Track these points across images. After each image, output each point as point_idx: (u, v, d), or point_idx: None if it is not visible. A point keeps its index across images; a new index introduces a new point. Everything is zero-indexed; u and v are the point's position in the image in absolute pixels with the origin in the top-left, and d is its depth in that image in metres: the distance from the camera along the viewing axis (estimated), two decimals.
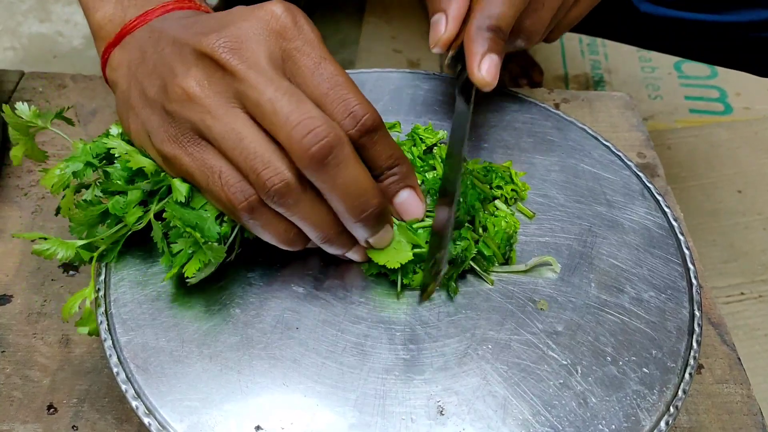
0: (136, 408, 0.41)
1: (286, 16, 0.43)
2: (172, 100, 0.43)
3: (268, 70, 0.41)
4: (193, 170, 0.43)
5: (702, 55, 0.84)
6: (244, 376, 0.42)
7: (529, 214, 0.52)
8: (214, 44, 0.42)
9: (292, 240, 0.44)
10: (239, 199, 0.41)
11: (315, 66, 0.42)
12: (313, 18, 0.46)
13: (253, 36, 0.42)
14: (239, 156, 0.41)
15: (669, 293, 0.48)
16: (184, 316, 0.45)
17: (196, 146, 0.43)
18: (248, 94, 0.41)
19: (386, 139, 0.44)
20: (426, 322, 0.45)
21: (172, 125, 0.43)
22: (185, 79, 0.42)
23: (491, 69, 0.51)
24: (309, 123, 0.39)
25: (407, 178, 0.46)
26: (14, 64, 1.43)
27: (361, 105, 0.42)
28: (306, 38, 0.43)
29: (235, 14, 0.44)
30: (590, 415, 0.41)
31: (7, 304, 0.58)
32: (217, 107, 0.41)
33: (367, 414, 0.41)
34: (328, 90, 0.42)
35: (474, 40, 0.52)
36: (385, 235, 0.46)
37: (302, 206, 0.42)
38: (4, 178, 0.68)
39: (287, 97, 0.40)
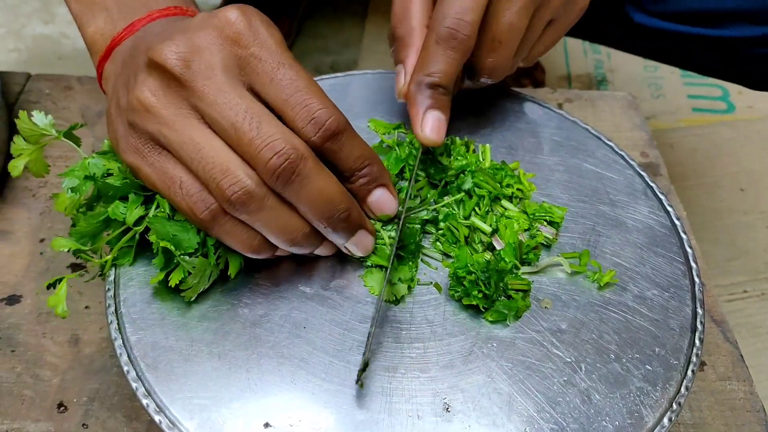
0: (147, 406, 0.41)
1: (241, 22, 0.42)
2: (132, 110, 0.43)
3: (224, 84, 0.41)
4: (155, 180, 0.43)
5: (696, 66, 0.84)
6: (253, 374, 0.43)
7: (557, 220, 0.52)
8: (166, 55, 0.41)
9: (258, 247, 0.44)
10: (200, 208, 0.42)
11: (273, 72, 0.42)
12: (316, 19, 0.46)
13: (206, 45, 0.42)
14: (198, 166, 0.41)
15: (672, 291, 0.49)
16: (193, 316, 0.45)
17: (157, 156, 0.43)
18: (207, 111, 0.41)
19: (353, 141, 0.44)
20: (431, 320, 0.46)
21: (133, 136, 0.43)
22: (141, 90, 0.42)
23: (435, 126, 0.51)
24: (273, 146, 0.40)
25: (379, 178, 0.46)
26: (19, 66, 1.44)
27: (323, 109, 0.42)
28: (262, 43, 0.42)
29: (193, 22, 0.43)
30: (594, 412, 0.42)
31: (16, 305, 0.59)
32: (173, 118, 0.41)
33: (374, 411, 0.41)
34: (288, 96, 0.42)
35: (414, 99, 0.51)
36: (363, 240, 0.46)
37: (264, 213, 0.42)
38: (12, 180, 0.69)
39: (247, 120, 0.40)
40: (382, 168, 0.47)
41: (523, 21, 0.52)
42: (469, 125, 0.60)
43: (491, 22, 0.52)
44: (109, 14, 0.50)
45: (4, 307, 0.59)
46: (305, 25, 1.55)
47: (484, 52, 0.53)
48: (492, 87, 0.64)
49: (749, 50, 0.75)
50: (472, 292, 0.45)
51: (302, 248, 0.45)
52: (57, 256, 0.63)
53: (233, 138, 0.41)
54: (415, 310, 0.46)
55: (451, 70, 0.50)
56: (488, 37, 0.52)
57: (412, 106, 0.51)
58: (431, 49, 0.50)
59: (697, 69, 0.86)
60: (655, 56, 0.88)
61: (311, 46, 1.51)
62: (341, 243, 0.46)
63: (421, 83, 0.51)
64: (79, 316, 0.58)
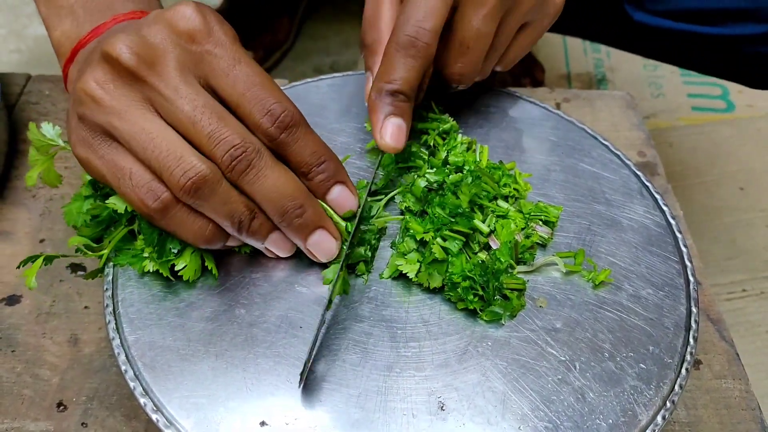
0: (144, 405, 0.42)
1: (196, 18, 0.43)
2: (81, 102, 0.43)
3: (179, 80, 0.41)
4: (105, 172, 0.43)
5: (696, 65, 0.84)
6: (249, 373, 0.43)
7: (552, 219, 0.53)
8: (120, 47, 0.41)
9: (210, 237, 0.44)
10: (150, 198, 0.42)
11: (229, 68, 0.43)
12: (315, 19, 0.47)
13: (161, 40, 0.42)
14: (150, 155, 0.41)
15: (666, 290, 0.49)
16: (191, 316, 0.46)
17: (107, 148, 0.43)
18: (164, 106, 0.41)
19: (309, 136, 0.44)
20: (427, 320, 0.46)
21: (82, 128, 0.43)
22: (88, 82, 0.42)
23: (395, 133, 0.50)
24: (229, 140, 0.41)
25: (336, 174, 0.46)
26: (20, 66, 1.44)
27: (278, 103, 0.43)
28: (217, 40, 0.43)
29: (149, 18, 0.44)
30: (588, 410, 0.42)
31: (16, 305, 0.60)
32: (124, 108, 0.42)
33: (369, 410, 0.42)
34: (245, 91, 0.42)
35: (374, 106, 0.51)
36: (323, 242, 0.46)
37: (218, 197, 0.42)
38: (12, 181, 0.70)
39: (206, 115, 0.41)
40: (339, 165, 0.47)
41: (490, 26, 0.52)
42: (466, 125, 0.60)
43: (457, 27, 0.52)
44: (75, 18, 0.51)
45: (4, 307, 0.59)
46: (305, 26, 1.55)
47: (452, 57, 0.53)
48: (490, 87, 0.64)
49: (749, 48, 0.75)
50: (467, 297, 0.45)
51: (254, 236, 0.45)
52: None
53: (190, 131, 0.41)
54: (411, 310, 0.47)
55: (411, 77, 0.50)
56: (455, 42, 0.52)
57: (372, 112, 0.51)
58: (391, 57, 0.50)
59: (697, 68, 0.86)
60: (655, 55, 0.88)
61: (311, 47, 1.51)
62: (301, 244, 0.46)
63: (381, 90, 0.50)
64: (78, 316, 0.59)
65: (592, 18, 0.85)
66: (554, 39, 1.53)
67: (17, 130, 0.74)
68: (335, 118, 0.60)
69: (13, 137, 0.73)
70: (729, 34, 0.75)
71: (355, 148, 0.57)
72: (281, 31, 1.45)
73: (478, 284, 0.45)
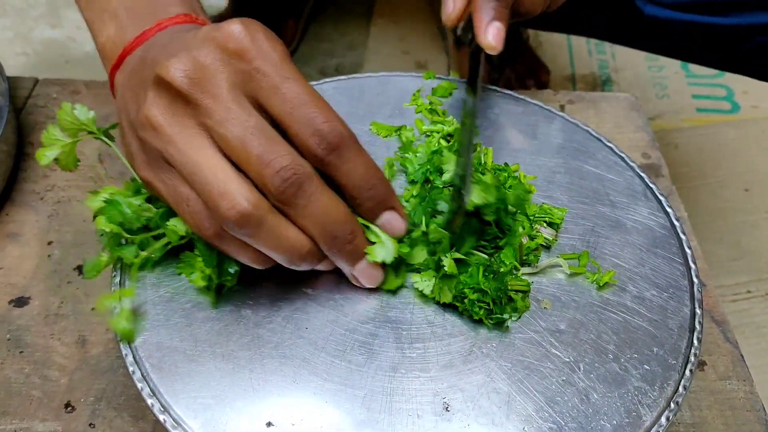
0: (152, 405, 0.42)
1: (244, 36, 0.42)
2: (141, 127, 0.43)
3: (230, 102, 0.41)
4: (167, 196, 0.44)
5: (706, 59, 0.84)
6: (256, 374, 0.43)
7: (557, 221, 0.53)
8: (173, 73, 0.41)
9: (265, 262, 0.44)
10: (206, 226, 0.42)
11: (278, 86, 0.42)
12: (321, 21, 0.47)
13: (212, 62, 0.42)
14: (198, 185, 0.41)
15: (671, 292, 0.49)
16: (197, 317, 0.46)
17: (167, 173, 0.43)
18: (215, 129, 0.41)
19: (359, 158, 0.43)
20: (432, 321, 0.46)
21: (144, 152, 0.44)
22: (149, 108, 0.42)
23: (497, 34, 0.55)
24: (279, 161, 0.40)
25: (387, 200, 0.45)
26: (27, 70, 1.45)
27: (327, 123, 0.42)
28: (266, 57, 0.42)
29: (197, 37, 0.43)
30: (592, 411, 0.42)
31: (25, 306, 0.60)
32: (178, 137, 0.42)
33: (374, 411, 0.42)
34: (293, 109, 0.41)
35: (480, 9, 0.55)
36: (369, 270, 0.46)
37: (263, 234, 0.41)
38: (20, 183, 0.70)
39: (256, 137, 0.40)
40: (389, 188, 0.46)
41: None
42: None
43: None
44: (119, 22, 0.51)
45: (13, 308, 0.60)
46: (310, 28, 1.56)
47: None
48: (494, 90, 0.65)
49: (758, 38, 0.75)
50: (473, 308, 0.45)
51: (302, 267, 0.45)
52: (65, 258, 0.64)
53: (240, 153, 0.41)
54: (416, 311, 0.47)
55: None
56: None
57: (477, 15, 0.55)
58: None
59: (706, 61, 0.86)
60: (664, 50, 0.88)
61: (316, 49, 1.52)
62: (347, 270, 0.46)
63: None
64: (85, 318, 0.59)
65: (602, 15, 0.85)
66: (559, 40, 1.53)
67: (25, 133, 0.75)
68: None
69: (20, 140, 0.74)
70: (739, 23, 0.75)
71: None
72: (287, 33, 1.46)
73: (490, 298, 0.45)
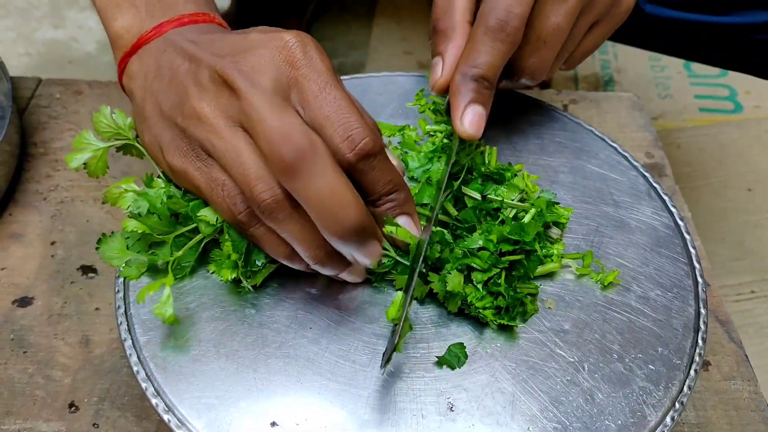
0: (156, 405, 0.42)
1: (297, 46, 0.44)
2: (185, 117, 0.45)
3: (270, 94, 0.42)
4: (200, 182, 0.45)
5: (707, 57, 0.84)
6: (260, 374, 0.43)
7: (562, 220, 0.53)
8: (231, 68, 0.43)
9: (290, 255, 0.45)
10: (239, 209, 0.43)
11: (319, 90, 0.43)
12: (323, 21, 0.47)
13: (265, 63, 0.44)
14: (236, 171, 0.42)
15: (675, 291, 0.49)
16: (201, 317, 0.46)
17: (203, 161, 0.45)
18: (247, 112, 0.42)
19: (385, 165, 0.44)
20: (436, 321, 0.46)
21: (183, 141, 0.45)
22: (199, 101, 0.44)
23: (474, 120, 0.51)
24: (286, 130, 0.40)
25: (405, 205, 0.46)
26: (30, 70, 1.45)
27: (361, 129, 0.42)
28: (313, 66, 0.44)
29: (252, 40, 0.45)
30: (597, 411, 0.42)
31: (28, 306, 0.60)
32: (222, 127, 0.43)
33: (378, 411, 0.42)
34: (330, 113, 0.42)
35: (458, 90, 0.51)
36: (373, 249, 0.45)
37: (291, 223, 0.42)
38: (23, 183, 0.70)
39: (277, 114, 0.41)
40: (410, 197, 0.47)
41: (568, 23, 0.52)
42: None
43: (537, 21, 0.52)
44: (137, 12, 0.51)
45: (16, 308, 0.60)
46: (313, 28, 1.56)
47: (527, 51, 0.53)
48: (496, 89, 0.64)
49: (759, 37, 0.75)
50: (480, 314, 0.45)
51: (327, 268, 0.45)
52: (68, 258, 0.64)
53: (258, 131, 0.42)
54: (420, 311, 0.47)
55: (497, 63, 0.51)
56: (533, 36, 0.52)
57: (454, 97, 0.52)
58: (479, 41, 0.50)
59: (707, 60, 0.86)
60: (665, 49, 0.88)
61: None
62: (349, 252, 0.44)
63: (466, 75, 0.51)
64: (89, 318, 0.59)
65: None
66: None
67: (28, 133, 0.75)
68: None
69: (24, 140, 0.74)
70: (739, 22, 0.75)
71: None
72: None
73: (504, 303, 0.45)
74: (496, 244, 0.47)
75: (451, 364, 0.44)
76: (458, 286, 0.45)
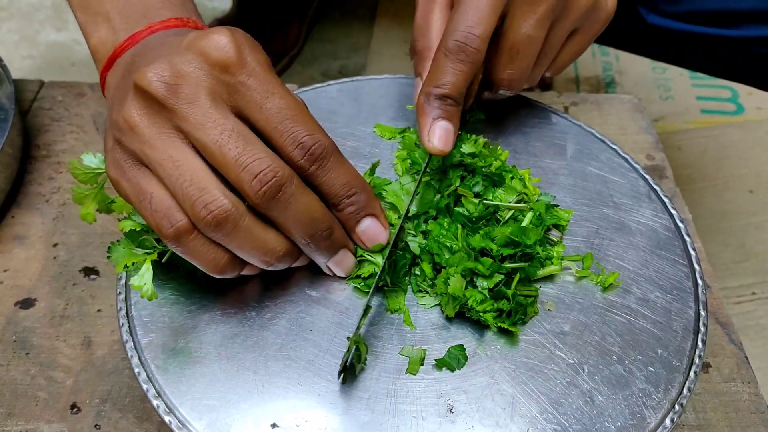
0: (157, 407, 0.42)
1: (230, 48, 0.42)
2: (117, 128, 0.43)
3: (208, 107, 0.41)
4: (129, 194, 0.43)
5: (707, 67, 0.84)
6: (260, 376, 0.43)
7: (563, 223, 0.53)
8: (150, 79, 0.42)
9: (224, 267, 0.44)
10: (165, 225, 0.42)
11: (262, 100, 0.42)
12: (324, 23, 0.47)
13: (193, 70, 0.42)
14: (175, 182, 0.41)
15: (675, 293, 0.49)
16: (202, 319, 0.46)
17: (135, 171, 0.43)
18: (192, 133, 0.41)
19: (341, 167, 0.44)
20: (436, 323, 0.47)
21: (117, 152, 0.44)
22: (126, 110, 0.43)
23: (442, 136, 0.51)
24: (258, 164, 0.40)
25: (368, 207, 0.46)
26: (33, 72, 1.46)
27: (309, 135, 0.42)
28: (251, 71, 0.43)
29: (182, 44, 0.44)
30: (596, 413, 0.42)
31: (30, 308, 0.60)
32: (155, 138, 0.42)
33: (379, 412, 0.42)
34: (277, 124, 0.42)
35: (422, 110, 0.52)
36: (345, 260, 0.47)
37: (241, 234, 0.42)
38: (25, 185, 0.71)
39: (233, 139, 0.41)
40: (372, 196, 0.47)
41: (540, 32, 0.52)
42: (474, 129, 0.60)
43: (507, 33, 0.52)
44: (111, 25, 0.51)
45: (19, 310, 0.60)
46: (314, 30, 1.56)
47: (501, 63, 0.54)
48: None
49: (760, 50, 0.75)
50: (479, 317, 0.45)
51: (276, 267, 0.45)
52: (70, 260, 0.64)
53: (218, 156, 0.41)
54: (419, 313, 0.47)
55: (459, 82, 0.51)
56: (505, 48, 0.53)
57: (420, 116, 0.52)
58: (440, 62, 0.51)
59: (708, 70, 0.86)
60: (666, 58, 0.89)
61: (320, 51, 1.52)
62: (323, 262, 0.47)
63: (430, 94, 0.51)
64: (91, 319, 0.60)
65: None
66: None
67: (31, 136, 0.75)
68: (344, 123, 0.60)
69: (26, 143, 0.74)
70: (741, 36, 0.75)
71: (363, 152, 0.58)
72: (290, 35, 1.46)
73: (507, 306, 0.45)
74: (498, 248, 0.47)
75: (450, 366, 0.44)
76: (459, 291, 0.45)
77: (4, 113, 0.70)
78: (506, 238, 0.47)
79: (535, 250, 0.48)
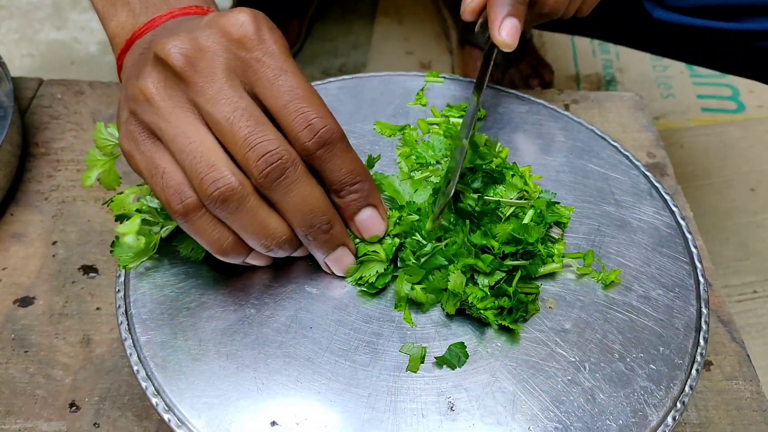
0: (156, 405, 0.42)
1: (249, 25, 0.43)
2: (133, 100, 0.43)
3: (224, 83, 0.42)
4: (141, 168, 0.44)
5: (712, 62, 0.84)
6: (260, 373, 0.43)
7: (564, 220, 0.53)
8: (170, 50, 0.42)
9: (228, 249, 0.44)
10: (175, 201, 0.42)
11: (275, 78, 0.42)
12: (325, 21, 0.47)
13: (210, 45, 0.42)
14: (185, 158, 0.41)
15: (677, 291, 0.49)
16: (201, 317, 0.46)
17: (149, 145, 0.43)
18: (205, 107, 0.41)
19: (347, 154, 0.44)
20: (436, 320, 0.46)
21: (132, 123, 0.44)
22: (143, 81, 0.43)
23: (511, 31, 0.54)
24: (265, 145, 0.41)
25: (369, 196, 0.46)
26: (32, 71, 1.46)
27: (319, 118, 0.42)
28: (267, 49, 0.43)
29: (203, 21, 0.44)
30: (598, 411, 0.42)
31: (29, 306, 0.60)
32: (169, 111, 0.42)
33: (379, 410, 0.42)
34: (287, 102, 0.42)
35: (496, 5, 0.55)
36: (343, 258, 0.47)
37: (244, 213, 0.42)
38: (24, 183, 0.70)
39: (244, 118, 0.41)
40: (374, 187, 0.47)
41: None
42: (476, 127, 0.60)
43: None
44: (131, 10, 0.51)
45: (18, 308, 0.60)
46: (314, 28, 1.56)
47: None
48: (498, 89, 0.64)
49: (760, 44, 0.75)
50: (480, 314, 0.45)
51: (277, 254, 0.45)
52: (69, 258, 0.64)
53: (227, 133, 0.41)
54: (420, 311, 0.47)
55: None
56: None
57: (492, 9, 0.55)
58: None
59: (712, 65, 0.86)
60: (670, 53, 0.88)
61: (320, 49, 1.52)
62: (321, 258, 0.47)
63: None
64: (90, 317, 0.59)
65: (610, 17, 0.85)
66: (563, 40, 1.53)
67: (30, 134, 0.75)
68: (345, 120, 0.60)
69: (25, 141, 0.74)
70: (746, 29, 0.75)
71: (363, 149, 0.58)
72: (291, 33, 1.46)
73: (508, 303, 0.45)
74: (499, 246, 0.47)
75: (451, 364, 0.44)
76: (459, 287, 0.45)
77: (3, 111, 0.69)
78: (507, 235, 0.47)
79: (536, 247, 0.47)
